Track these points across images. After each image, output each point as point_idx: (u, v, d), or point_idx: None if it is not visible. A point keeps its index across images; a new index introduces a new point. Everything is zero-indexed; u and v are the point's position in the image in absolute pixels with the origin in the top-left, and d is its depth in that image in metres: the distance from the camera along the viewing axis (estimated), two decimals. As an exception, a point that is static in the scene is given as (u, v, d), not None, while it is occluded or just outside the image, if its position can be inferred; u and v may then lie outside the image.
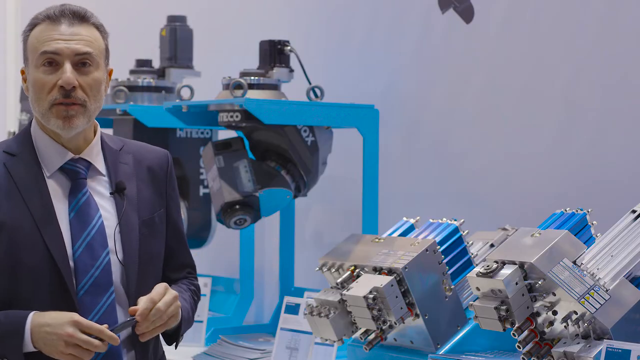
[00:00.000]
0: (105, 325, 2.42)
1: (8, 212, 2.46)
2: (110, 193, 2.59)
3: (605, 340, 2.60)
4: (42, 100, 2.50)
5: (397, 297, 3.02)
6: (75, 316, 2.39)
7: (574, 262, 2.73)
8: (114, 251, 2.53)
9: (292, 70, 4.05)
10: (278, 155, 3.98)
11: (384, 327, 3.09)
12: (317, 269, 3.29)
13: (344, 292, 3.07)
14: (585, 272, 2.71)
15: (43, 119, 2.52)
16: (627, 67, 3.57)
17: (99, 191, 2.58)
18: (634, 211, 2.87)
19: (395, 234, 3.34)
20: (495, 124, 3.96)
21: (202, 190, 4.45)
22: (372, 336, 3.13)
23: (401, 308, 3.03)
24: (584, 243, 2.83)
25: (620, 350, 2.52)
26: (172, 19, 4.58)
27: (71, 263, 2.48)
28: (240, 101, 3.76)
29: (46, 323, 2.39)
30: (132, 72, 4.50)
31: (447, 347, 3.09)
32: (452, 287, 3.12)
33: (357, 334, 3.18)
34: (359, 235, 3.38)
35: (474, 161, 4.03)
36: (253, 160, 3.95)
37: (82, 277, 2.47)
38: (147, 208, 2.62)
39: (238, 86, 3.81)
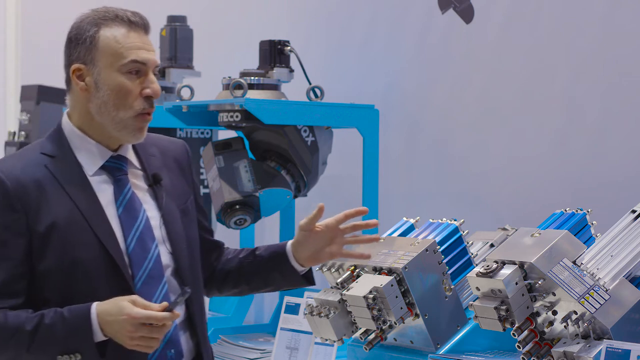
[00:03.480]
0: (164, 303, 2.45)
1: (58, 213, 2.49)
2: (149, 185, 2.64)
3: (605, 340, 2.60)
4: (127, 107, 2.53)
5: (397, 297, 3.02)
6: (133, 311, 2.40)
7: (574, 262, 2.73)
8: (162, 242, 2.59)
9: (292, 70, 4.05)
10: (278, 155, 3.98)
11: (384, 327, 3.09)
12: (317, 268, 3.29)
13: (344, 292, 3.06)
14: (585, 272, 2.71)
15: (119, 124, 2.55)
16: (627, 68, 3.57)
17: (138, 185, 2.63)
18: (634, 211, 2.87)
19: (395, 234, 3.34)
20: (495, 124, 3.96)
21: (202, 190, 4.45)
22: (372, 336, 3.12)
23: (401, 308, 3.03)
24: (584, 243, 2.83)
25: (620, 350, 2.52)
26: (172, 19, 4.58)
27: (125, 258, 2.53)
28: (240, 101, 3.76)
29: (108, 312, 2.42)
30: (132, 72, 4.50)
31: (447, 347, 3.09)
32: (452, 287, 3.12)
33: (357, 334, 3.18)
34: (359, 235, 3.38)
35: (474, 161, 4.03)
36: (253, 160, 3.95)
37: (137, 270, 2.53)
38: (180, 197, 2.69)
39: (238, 86, 3.81)
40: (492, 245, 3.28)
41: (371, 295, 3.00)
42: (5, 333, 2.43)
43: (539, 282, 2.69)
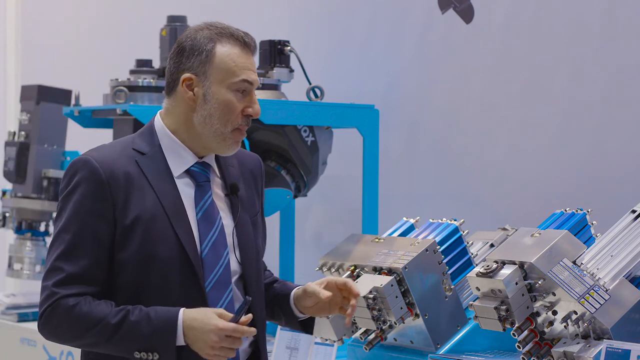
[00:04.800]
0: (250, 316, 2.52)
1: (143, 207, 2.58)
2: (226, 194, 2.70)
3: (605, 340, 2.61)
4: (228, 122, 2.62)
5: (397, 297, 3.02)
6: (220, 323, 2.48)
7: (574, 262, 2.73)
8: (232, 249, 2.65)
9: (292, 70, 4.05)
10: (278, 155, 3.98)
11: (384, 327, 3.09)
12: (317, 269, 3.30)
13: (344, 292, 3.06)
14: (585, 272, 2.71)
15: (219, 136, 2.63)
16: (627, 69, 3.57)
17: (216, 192, 2.69)
18: (634, 211, 2.87)
19: (395, 234, 3.34)
20: (495, 125, 3.97)
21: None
22: (372, 336, 3.13)
23: (401, 308, 3.03)
24: (584, 243, 2.83)
25: (620, 350, 2.52)
26: (172, 19, 4.57)
27: (199, 261, 2.60)
28: (241, 101, 3.76)
29: (195, 319, 2.50)
30: (132, 72, 4.50)
31: (447, 347, 3.09)
32: (452, 287, 3.12)
33: (357, 334, 3.19)
34: (359, 235, 3.38)
35: (474, 161, 4.04)
36: (253, 160, 3.94)
37: (208, 273, 2.60)
38: (252, 209, 2.75)
39: (238, 86, 3.81)
40: (492, 245, 3.29)
41: (371, 295, 3.01)
42: (89, 322, 2.52)
43: (539, 282, 2.69)
